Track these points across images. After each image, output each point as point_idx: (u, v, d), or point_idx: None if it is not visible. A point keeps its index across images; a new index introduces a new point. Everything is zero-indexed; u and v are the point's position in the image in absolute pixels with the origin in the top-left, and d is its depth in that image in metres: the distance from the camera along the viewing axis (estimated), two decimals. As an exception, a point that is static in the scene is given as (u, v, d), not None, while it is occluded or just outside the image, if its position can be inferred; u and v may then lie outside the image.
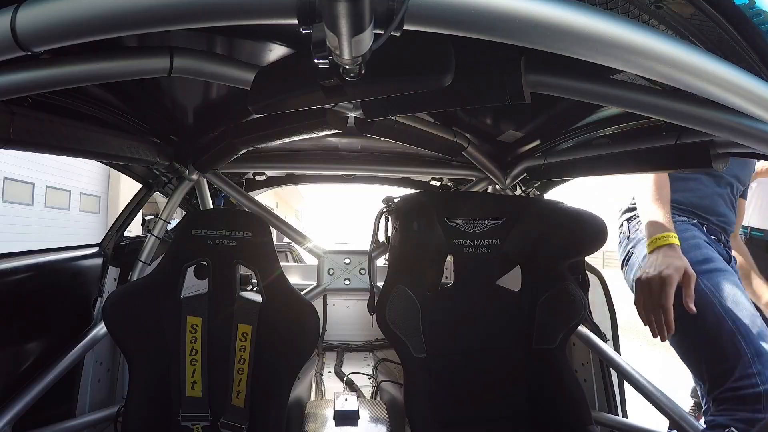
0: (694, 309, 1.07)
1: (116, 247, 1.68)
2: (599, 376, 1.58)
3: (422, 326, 1.31)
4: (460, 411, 1.31)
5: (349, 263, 2.30)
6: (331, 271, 2.29)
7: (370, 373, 2.17)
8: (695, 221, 1.43)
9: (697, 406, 2.54)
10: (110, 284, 1.64)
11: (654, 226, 1.22)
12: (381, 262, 2.11)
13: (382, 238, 1.65)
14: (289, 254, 4.47)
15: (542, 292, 1.36)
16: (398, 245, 1.43)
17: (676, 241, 1.17)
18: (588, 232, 1.34)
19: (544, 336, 1.34)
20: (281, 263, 1.34)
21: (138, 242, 1.73)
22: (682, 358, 1.30)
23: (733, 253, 1.54)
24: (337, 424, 1.44)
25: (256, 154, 1.76)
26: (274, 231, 1.94)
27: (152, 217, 1.74)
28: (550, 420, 1.30)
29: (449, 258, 1.43)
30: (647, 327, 1.13)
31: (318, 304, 2.39)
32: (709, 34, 0.58)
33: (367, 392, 2.00)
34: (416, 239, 1.39)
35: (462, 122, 1.40)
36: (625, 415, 1.58)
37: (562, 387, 1.30)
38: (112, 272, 1.65)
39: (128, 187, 10.55)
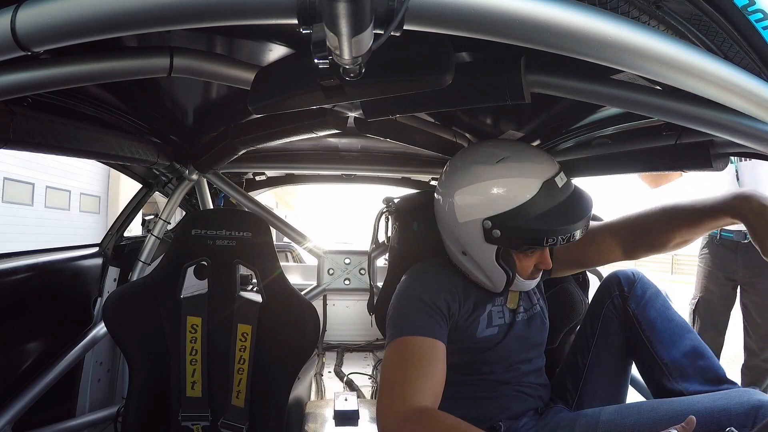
0: None
1: (116, 247, 1.68)
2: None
3: None
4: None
5: (349, 263, 2.30)
6: (331, 271, 2.29)
7: (370, 373, 2.17)
8: None
9: None
10: (110, 284, 1.64)
11: None
12: (381, 262, 2.11)
13: (382, 238, 1.65)
14: (289, 254, 4.47)
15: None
16: (398, 245, 1.43)
17: None
18: None
19: None
20: (281, 263, 1.34)
21: (138, 242, 1.73)
22: None
23: None
24: (337, 424, 1.44)
25: (256, 154, 1.76)
26: (274, 231, 1.94)
27: (152, 217, 1.74)
28: (550, 420, 1.30)
29: None
30: None
31: (318, 304, 2.39)
32: (709, 34, 0.58)
33: (367, 392, 2.00)
34: (416, 239, 1.39)
35: (462, 122, 1.40)
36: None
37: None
38: (112, 272, 1.66)
39: (128, 187, 10.56)
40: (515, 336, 1.14)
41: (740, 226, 2.30)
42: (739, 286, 2.37)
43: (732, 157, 2.13)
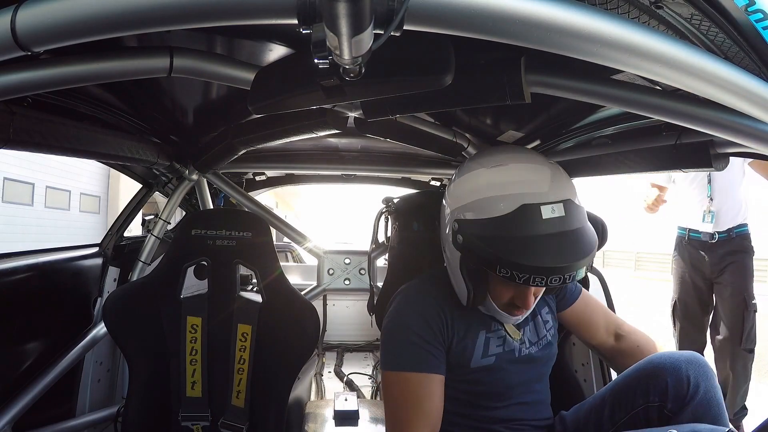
0: None
1: (116, 247, 1.68)
2: (599, 376, 1.57)
3: None
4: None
5: (349, 263, 2.30)
6: (331, 271, 2.29)
7: (370, 373, 2.17)
8: None
9: None
10: (110, 284, 1.64)
11: None
12: (381, 262, 2.11)
13: (382, 238, 1.65)
14: (289, 254, 4.47)
15: None
16: (398, 245, 1.43)
17: None
18: None
19: None
20: (281, 263, 1.34)
21: (138, 242, 1.73)
22: None
23: None
24: (337, 424, 1.44)
25: (256, 154, 1.76)
26: (274, 231, 1.94)
27: (152, 217, 1.74)
28: (550, 420, 1.30)
29: None
30: None
31: (318, 304, 2.39)
32: (709, 34, 0.58)
33: (367, 392, 2.00)
34: (416, 239, 1.39)
35: (462, 122, 1.40)
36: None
37: (562, 387, 1.30)
38: (112, 272, 1.65)
39: (128, 187, 10.56)
40: (516, 370, 1.06)
41: (708, 227, 2.37)
42: (713, 284, 2.41)
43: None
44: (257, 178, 2.35)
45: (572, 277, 0.85)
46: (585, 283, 1.64)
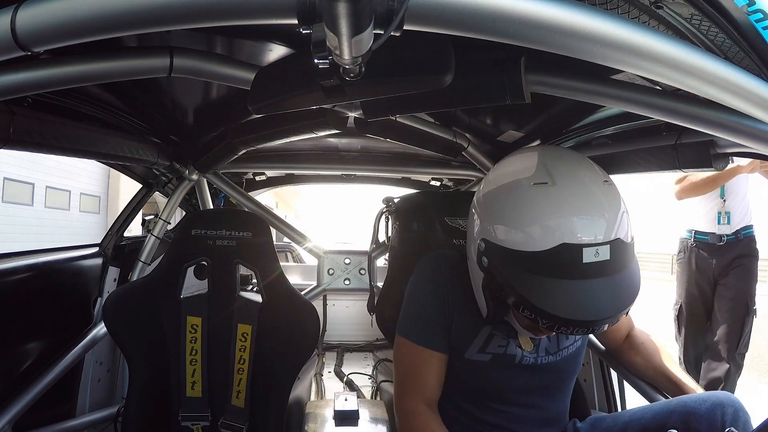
0: None
1: (116, 247, 1.68)
2: (599, 376, 1.58)
3: None
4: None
5: (349, 263, 2.30)
6: (331, 271, 2.29)
7: (370, 373, 2.17)
8: None
9: None
10: (110, 284, 1.64)
11: None
12: (381, 262, 2.11)
13: (382, 238, 1.65)
14: (289, 254, 4.47)
15: None
16: (398, 245, 1.43)
17: None
18: None
19: None
20: (281, 263, 1.34)
21: (138, 242, 1.73)
22: None
23: None
24: (337, 424, 1.44)
25: (256, 154, 1.76)
26: (274, 231, 1.94)
27: (152, 217, 1.74)
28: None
29: None
30: None
31: (318, 304, 2.39)
32: (709, 34, 0.58)
33: (367, 392, 2.00)
34: (416, 239, 1.39)
35: (462, 122, 1.40)
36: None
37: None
38: (112, 272, 1.65)
39: (128, 187, 10.56)
40: (512, 375, 1.02)
41: (725, 229, 2.34)
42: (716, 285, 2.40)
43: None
44: (257, 178, 2.35)
45: (602, 328, 0.77)
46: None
